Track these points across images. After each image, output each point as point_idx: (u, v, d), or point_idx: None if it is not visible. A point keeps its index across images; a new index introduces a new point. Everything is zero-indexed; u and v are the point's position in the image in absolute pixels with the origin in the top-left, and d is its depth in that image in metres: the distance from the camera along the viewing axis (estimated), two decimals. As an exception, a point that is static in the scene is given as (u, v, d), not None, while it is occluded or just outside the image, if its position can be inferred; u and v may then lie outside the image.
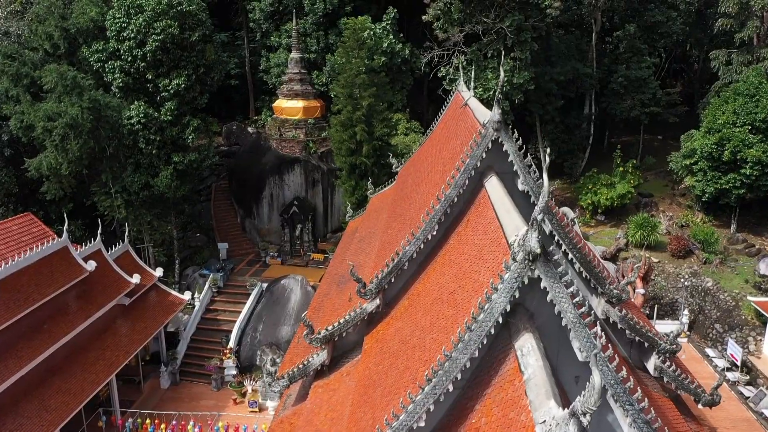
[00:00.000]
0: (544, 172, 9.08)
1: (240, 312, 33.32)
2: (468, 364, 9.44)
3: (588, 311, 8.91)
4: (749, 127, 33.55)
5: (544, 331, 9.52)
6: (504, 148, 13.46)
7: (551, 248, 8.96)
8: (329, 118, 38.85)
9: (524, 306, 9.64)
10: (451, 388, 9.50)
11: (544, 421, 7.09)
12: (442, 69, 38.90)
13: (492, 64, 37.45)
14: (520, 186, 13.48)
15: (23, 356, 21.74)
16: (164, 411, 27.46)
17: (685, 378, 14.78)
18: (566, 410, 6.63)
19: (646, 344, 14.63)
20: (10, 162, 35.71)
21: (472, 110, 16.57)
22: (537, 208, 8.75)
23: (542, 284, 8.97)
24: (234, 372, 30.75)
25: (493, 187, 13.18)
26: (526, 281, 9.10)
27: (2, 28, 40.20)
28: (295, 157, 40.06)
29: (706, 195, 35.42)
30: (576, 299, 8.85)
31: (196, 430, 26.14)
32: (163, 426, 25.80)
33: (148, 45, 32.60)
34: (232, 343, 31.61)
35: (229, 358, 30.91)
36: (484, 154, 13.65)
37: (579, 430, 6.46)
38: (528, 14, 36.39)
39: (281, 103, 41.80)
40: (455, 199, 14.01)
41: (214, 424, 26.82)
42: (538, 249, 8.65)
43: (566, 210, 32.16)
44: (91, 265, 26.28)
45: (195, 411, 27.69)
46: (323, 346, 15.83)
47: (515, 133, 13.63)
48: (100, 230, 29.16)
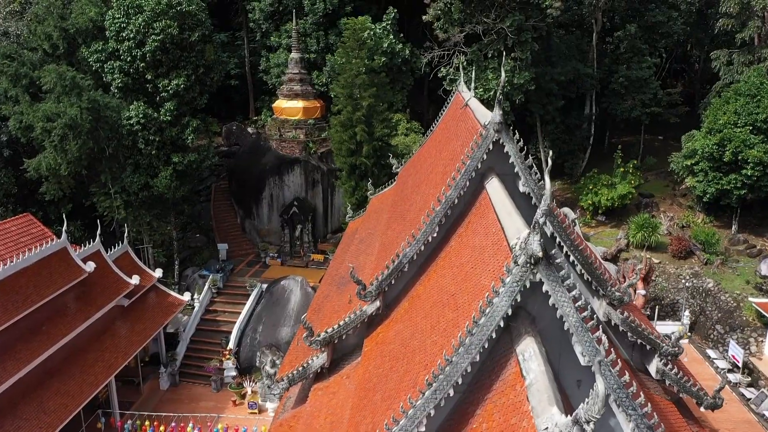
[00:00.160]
0: (545, 174, 8.97)
1: (240, 313, 33.25)
2: (469, 369, 9.35)
3: (590, 315, 8.81)
4: (750, 128, 33.44)
5: (546, 335, 9.43)
6: (505, 149, 13.36)
7: (553, 251, 8.84)
8: (329, 118, 38.74)
9: (526, 310, 9.54)
10: (452, 393, 9.40)
11: (547, 428, 6.99)
12: (442, 69, 38.78)
13: (492, 64, 37.35)
14: (521, 188, 13.39)
15: (22, 358, 21.63)
16: (163, 412, 27.34)
17: (687, 381, 14.67)
18: (569, 417, 6.54)
19: (647, 347, 14.54)
20: (9, 162, 35.60)
21: (473, 111, 16.46)
22: (539, 211, 8.65)
23: (544, 288, 8.87)
24: (233, 373, 30.65)
25: (494, 188, 13.09)
26: (528, 285, 9.00)
27: (1, 28, 40.14)
28: (295, 157, 39.95)
29: (707, 195, 35.32)
30: (578, 303, 8.75)
31: (196, 431, 26.06)
32: (162, 427, 25.70)
33: (148, 45, 32.49)
34: (231, 344, 31.52)
35: (228, 359, 30.82)
36: (485, 156, 13.55)
37: (582, 438, 6.36)
38: (528, 14, 36.28)
39: (281, 103, 41.69)
40: (456, 200, 13.90)
41: (213, 426, 26.72)
42: (540, 253, 8.55)
43: (567, 211, 32.04)
44: (90, 266, 26.18)
45: (194, 412, 27.61)
46: (323, 349, 15.74)
47: (516, 134, 13.53)
48: (99, 231, 29.05)
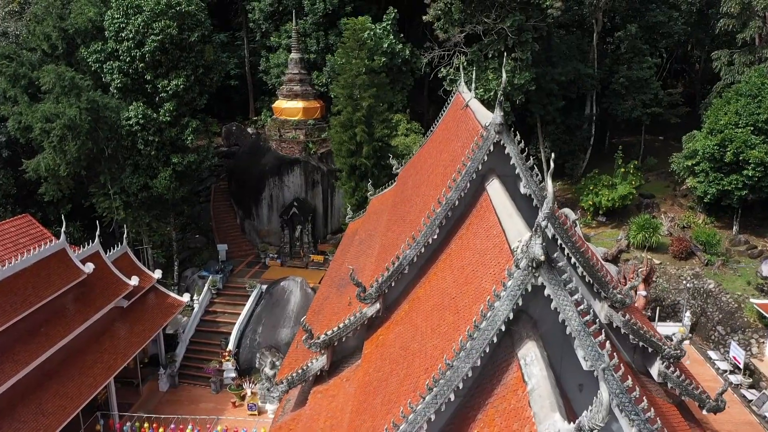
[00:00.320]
0: (548, 176, 8.84)
1: (239, 314, 33.16)
2: (470, 373, 9.23)
3: (593, 319, 8.71)
4: (751, 128, 33.32)
5: (548, 339, 9.32)
6: (506, 150, 13.25)
7: (555, 254, 8.73)
8: (329, 118, 38.63)
9: (527, 313, 9.43)
10: (452, 398, 9.29)
11: (549, 435, 6.90)
12: (442, 69, 38.69)
13: (493, 64, 37.26)
14: (522, 189, 13.27)
15: (20, 360, 21.53)
16: (163, 414, 27.25)
17: (690, 384, 14.58)
18: (572, 424, 6.44)
19: (649, 349, 14.44)
20: (8, 163, 35.49)
21: (473, 111, 16.35)
22: (541, 214, 8.54)
23: (546, 291, 8.75)
24: (233, 375, 30.56)
25: (495, 190, 12.99)
26: (530, 288, 8.89)
27: (0, 29, 40.01)
28: (294, 158, 39.84)
29: (708, 196, 35.21)
30: (580, 307, 8.64)
31: (195, 433, 26.00)
32: (161, 429, 25.63)
33: (147, 45, 32.37)
34: (231, 346, 31.43)
35: (228, 360, 30.72)
36: (486, 157, 13.44)
37: (585, 446, 6.26)
38: (529, 14, 36.19)
39: (281, 103, 41.58)
40: (456, 202, 13.80)
41: (213, 428, 26.63)
42: (542, 256, 8.43)
43: (568, 211, 31.91)
44: (89, 267, 26.07)
45: (194, 414, 27.50)
46: (322, 351, 15.64)
47: (517, 135, 13.44)
48: (98, 232, 28.96)
